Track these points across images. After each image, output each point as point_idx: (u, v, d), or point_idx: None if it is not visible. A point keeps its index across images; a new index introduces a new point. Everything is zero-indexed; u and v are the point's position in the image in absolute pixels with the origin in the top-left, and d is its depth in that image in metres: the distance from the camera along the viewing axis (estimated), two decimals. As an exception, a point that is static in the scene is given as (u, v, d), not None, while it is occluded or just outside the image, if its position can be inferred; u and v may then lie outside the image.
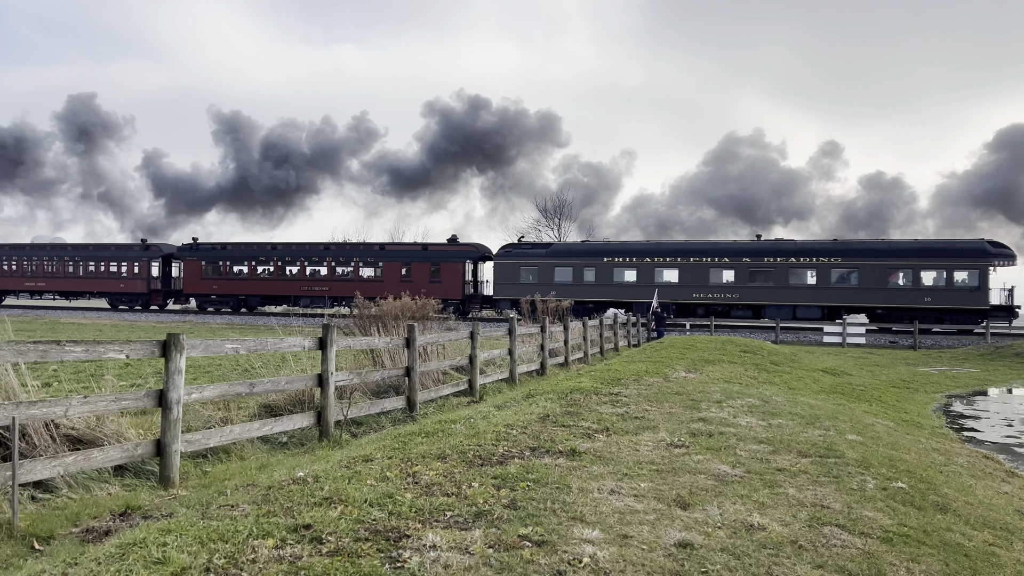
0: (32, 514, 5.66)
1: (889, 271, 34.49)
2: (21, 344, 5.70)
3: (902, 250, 35.11)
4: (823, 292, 35.20)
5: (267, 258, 46.84)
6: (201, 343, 7.38)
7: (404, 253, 44.22)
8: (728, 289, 36.66)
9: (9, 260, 52.33)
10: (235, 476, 6.99)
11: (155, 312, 48.51)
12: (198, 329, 34.37)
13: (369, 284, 42.67)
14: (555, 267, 39.80)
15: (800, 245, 37.46)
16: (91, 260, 50.22)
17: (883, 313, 34.91)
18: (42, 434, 6.57)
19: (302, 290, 45.50)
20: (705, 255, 37.46)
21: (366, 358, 13.25)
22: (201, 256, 48.01)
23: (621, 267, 38.70)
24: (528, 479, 6.03)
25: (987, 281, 33.39)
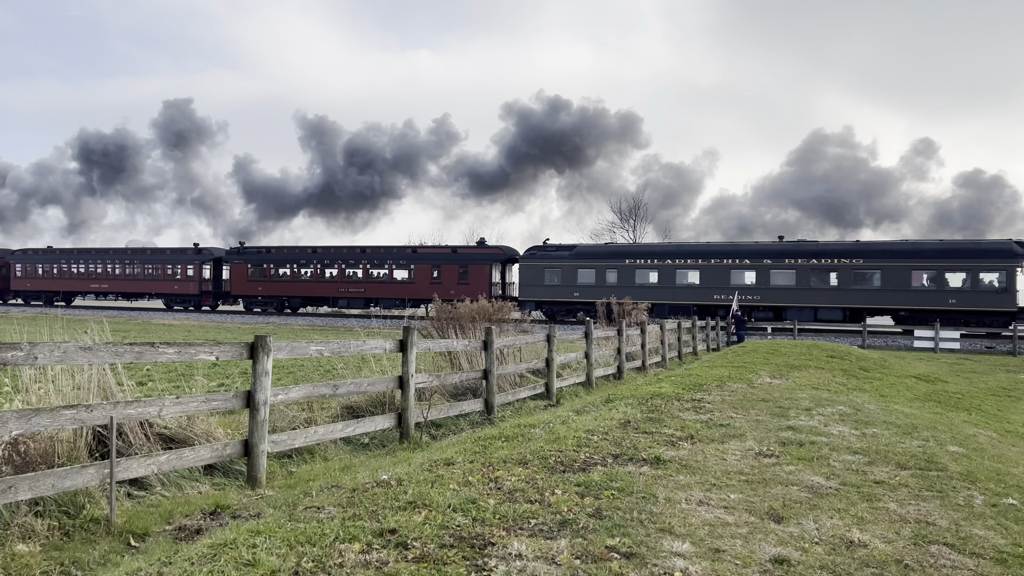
0: (128, 511, 5.84)
1: (912, 272, 33.78)
2: (118, 346, 5.88)
3: (925, 251, 34.30)
4: (845, 294, 34.62)
5: (307, 261, 48.27)
6: (287, 345, 7.51)
7: (434, 256, 44.96)
8: (749, 291, 36.32)
9: (77, 263, 55.33)
10: (319, 477, 7.08)
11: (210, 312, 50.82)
12: (281, 331, 35.34)
13: (402, 286, 44.33)
14: (578, 269, 39.95)
15: (821, 246, 37.03)
16: (149, 263, 52.68)
17: (906, 315, 34.40)
18: (137, 433, 6.78)
19: (339, 292, 46.77)
20: (726, 256, 37.22)
21: (444, 360, 13.30)
22: (247, 259, 49.72)
23: (643, 268, 38.75)
24: (612, 487, 5.88)
25: (1015, 282, 32.24)
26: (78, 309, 50.81)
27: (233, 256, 50.67)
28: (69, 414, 5.38)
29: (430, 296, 44.19)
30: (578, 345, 18.09)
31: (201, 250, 52.72)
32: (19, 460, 5.75)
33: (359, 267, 46.58)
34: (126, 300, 57.55)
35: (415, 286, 43.17)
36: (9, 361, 4.99)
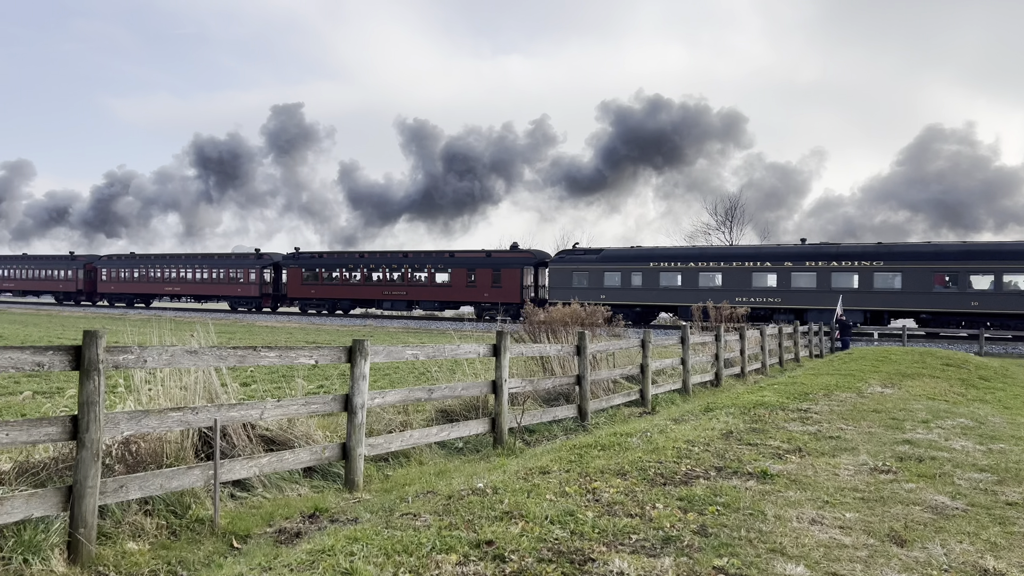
0: (231, 512, 5.95)
1: (934, 274, 33.10)
2: (222, 349, 6.01)
3: (948, 253, 33.56)
4: (866, 296, 34.26)
5: (355, 265, 50.18)
6: (383, 349, 7.54)
7: (470, 260, 45.96)
8: (770, 293, 36.37)
9: (154, 268, 58.89)
10: (415, 482, 7.06)
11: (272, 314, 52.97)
12: (377, 333, 36.08)
13: (440, 289, 45.74)
14: (604, 272, 40.63)
15: (843, 248, 36.57)
16: (216, 268, 55.64)
17: (928, 318, 33.77)
18: (240, 434, 6.93)
19: (383, 294, 48.56)
20: (748, 259, 37.30)
21: (536, 365, 13.18)
22: (301, 264, 51.85)
23: (667, 271, 39.06)
24: (717, 502, 5.60)
25: None
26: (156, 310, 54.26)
27: (289, 261, 52.93)
28: (176, 416, 5.52)
29: (466, 299, 45.47)
30: (672, 350, 17.64)
31: (262, 255, 55.57)
32: (131, 459, 5.95)
33: (401, 271, 48.27)
34: (196, 302, 61.20)
35: (452, 289, 44.90)
36: (121, 364, 5.15)
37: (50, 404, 8.86)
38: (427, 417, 10.13)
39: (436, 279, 46.80)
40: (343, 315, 50.80)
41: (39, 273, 64.22)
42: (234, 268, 54.50)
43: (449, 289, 45.52)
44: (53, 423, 4.71)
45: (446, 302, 46.87)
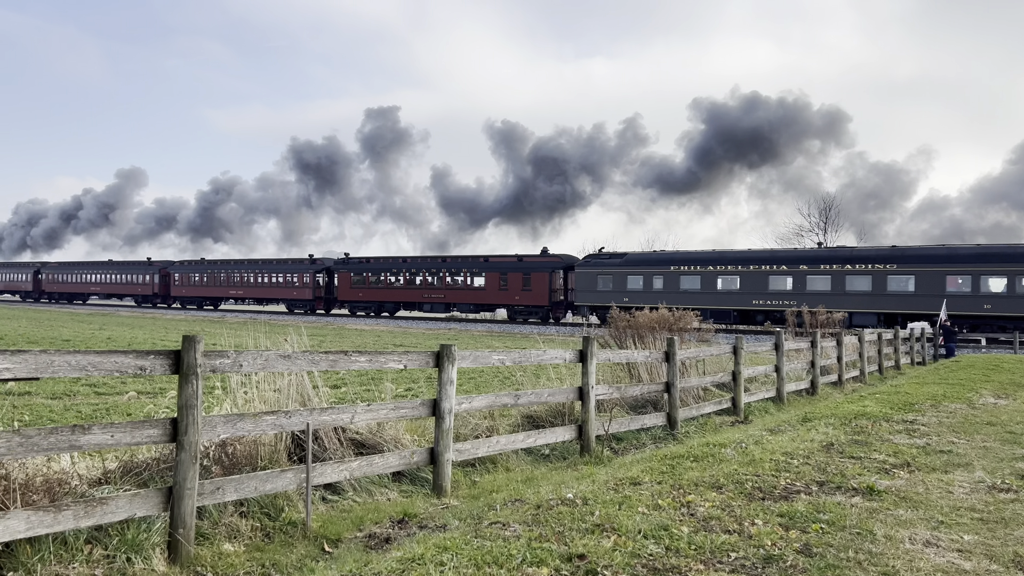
0: (323, 515, 6.00)
1: (947, 277, 33.16)
2: (314, 354, 6.09)
3: (961, 256, 33.54)
4: (880, 299, 34.48)
5: (398, 270, 52.27)
6: (470, 354, 7.50)
7: (502, 264, 47.50)
8: (786, 296, 36.49)
9: (220, 273, 62.37)
10: (502, 489, 6.99)
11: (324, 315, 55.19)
12: (461, 337, 36.40)
13: (475, 292, 47.59)
14: (627, 275, 41.53)
15: (856, 252, 36.78)
16: (275, 272, 58.45)
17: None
18: (331, 437, 7.01)
19: (424, 297, 50.41)
20: (764, 263, 37.91)
21: (621, 371, 12.94)
22: (350, 269, 54.29)
23: (687, 275, 39.71)
24: (820, 520, 5.30)
25: None
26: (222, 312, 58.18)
27: (340, 266, 55.52)
28: (270, 420, 5.60)
29: (499, 302, 46.89)
30: (765, 357, 17.06)
31: (315, 261, 58.23)
32: (227, 461, 6.08)
33: (440, 275, 50.07)
34: (258, 304, 64.67)
35: (486, 292, 46.73)
36: (218, 368, 5.26)
37: (153, 405, 9.22)
38: (512, 423, 10.06)
39: (472, 283, 48.53)
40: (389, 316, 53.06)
41: (122, 278, 69.15)
42: (290, 273, 57.52)
43: (484, 292, 47.22)
44: (155, 425, 4.84)
45: (481, 304, 48.52)
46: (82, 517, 4.40)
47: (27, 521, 4.16)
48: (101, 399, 11.50)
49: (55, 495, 4.80)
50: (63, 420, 9.50)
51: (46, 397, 11.29)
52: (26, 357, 4.22)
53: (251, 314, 56.58)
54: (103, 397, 11.69)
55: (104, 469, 5.65)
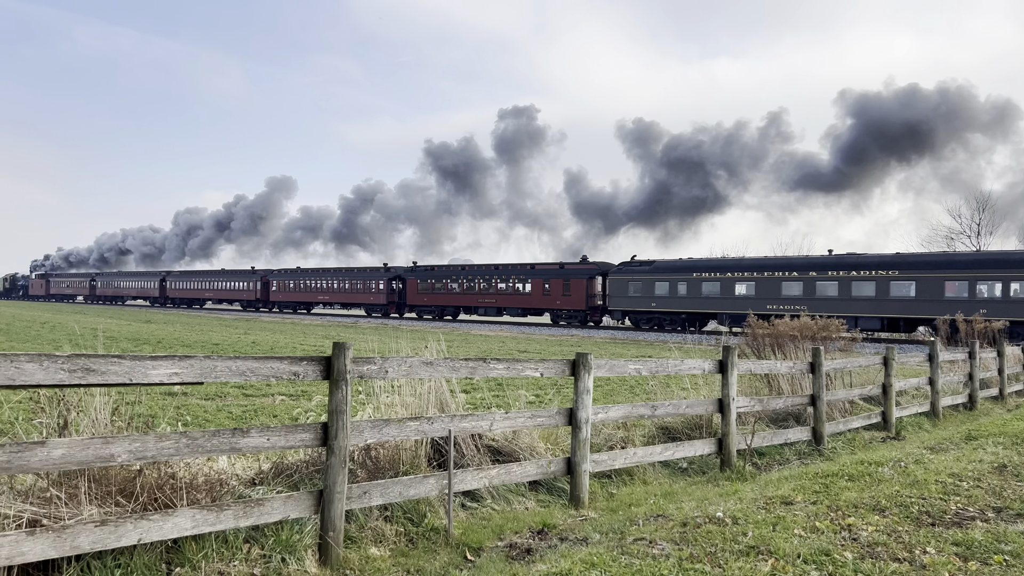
0: (463, 522, 6.01)
1: (945, 283, 33.99)
2: (454, 361, 6.11)
3: (958, 262, 34.57)
4: (883, 304, 35.36)
5: (457, 276, 56.00)
6: (606, 363, 7.35)
7: (545, 271, 50.45)
8: (796, 301, 37.85)
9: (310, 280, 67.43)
10: (641, 502, 6.78)
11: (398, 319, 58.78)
12: (584, 343, 36.18)
13: (521, 297, 50.92)
14: (655, 282, 43.48)
15: (861, 259, 37.84)
16: (355, 279, 63.42)
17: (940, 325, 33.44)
18: (469, 444, 7.03)
19: (478, 302, 53.88)
20: (777, 269, 39.40)
21: (759, 382, 12.38)
22: (417, 276, 58.34)
23: (707, 281, 41.29)
24: (1003, 551, 4.80)
25: None
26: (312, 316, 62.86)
27: (409, 273, 59.61)
28: (413, 426, 5.66)
29: (542, 306, 50.43)
30: (917, 369, 15.93)
31: (389, 269, 62.96)
32: (371, 465, 6.20)
33: (492, 281, 53.28)
34: (344, 308, 68.88)
35: (531, 297, 50.25)
36: (365, 374, 5.36)
37: (300, 409, 9.59)
38: (646, 434, 9.80)
39: (519, 288, 51.73)
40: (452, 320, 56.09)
41: (230, 284, 75.83)
42: (368, 280, 62.14)
43: (529, 297, 50.57)
44: (307, 430, 4.97)
45: (527, 308, 51.75)
46: (241, 517, 4.57)
47: (192, 519, 4.35)
48: (249, 400, 12.10)
49: (216, 494, 5.01)
50: (216, 420, 10.04)
51: (200, 398, 11.99)
52: (192, 363, 4.42)
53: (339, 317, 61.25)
54: (251, 399, 12.30)
55: (259, 469, 5.88)
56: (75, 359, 3.97)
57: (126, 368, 4.16)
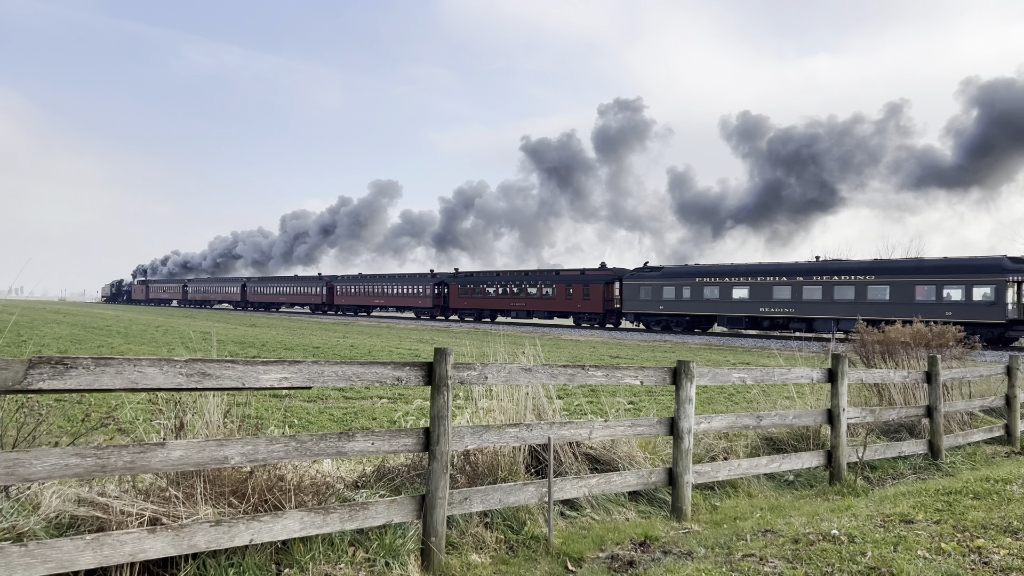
0: (563, 531, 5.93)
1: (916, 287, 36.39)
2: (553, 368, 6.05)
3: (927, 267, 36.70)
4: (861, 307, 37.16)
5: (492, 282, 59.97)
6: (709, 371, 7.13)
7: (568, 277, 54.22)
8: (785, 304, 40.43)
9: (368, 285, 72.61)
10: (746, 516, 6.54)
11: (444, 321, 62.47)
12: (678, 349, 35.51)
13: (548, 300, 54.59)
14: (663, 286, 46.54)
15: (842, 264, 40.07)
16: (406, 284, 68.49)
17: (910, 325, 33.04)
18: (567, 452, 6.95)
19: (510, 305, 57.76)
20: (768, 275, 41.60)
21: (869, 392, 11.79)
22: (458, 281, 62.71)
23: (708, 286, 44.12)
24: None
25: (1005, 296, 33.37)
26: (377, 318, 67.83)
27: (451, 279, 64.35)
28: (512, 432, 5.63)
29: (565, 309, 53.96)
30: None
31: (435, 275, 67.86)
32: (470, 471, 6.21)
33: (522, 286, 57.03)
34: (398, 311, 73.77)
35: (555, 301, 54.15)
36: (466, 380, 5.36)
37: (400, 412, 9.72)
38: (749, 444, 9.47)
39: (546, 293, 55.44)
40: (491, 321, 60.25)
41: (299, 289, 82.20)
42: (418, 285, 67.54)
43: (554, 301, 54.44)
44: (409, 435, 5.00)
45: (552, 311, 55.33)
46: (347, 520, 4.63)
47: (300, 521, 4.44)
48: (350, 403, 12.38)
49: (322, 497, 5.11)
50: (319, 423, 10.31)
51: (304, 400, 12.36)
52: (300, 368, 4.52)
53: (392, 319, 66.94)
54: (351, 401, 12.59)
55: (362, 472, 5.98)
56: (192, 363, 4.12)
57: (239, 373, 4.28)
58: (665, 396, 13.73)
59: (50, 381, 3.68)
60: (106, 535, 3.80)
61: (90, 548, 3.74)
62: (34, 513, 4.13)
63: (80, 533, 4.11)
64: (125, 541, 3.84)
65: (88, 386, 3.78)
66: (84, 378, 3.77)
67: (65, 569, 3.66)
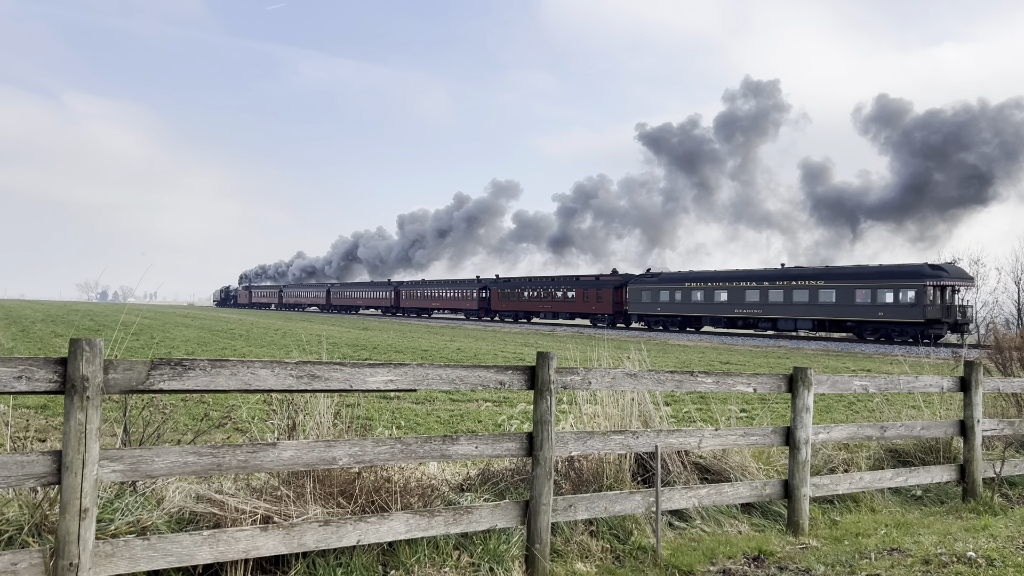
0: (671, 542, 5.74)
1: (856, 291, 40.63)
2: (660, 373, 5.87)
3: (864, 274, 41.15)
4: (813, 308, 42.73)
5: (525, 287, 66.69)
6: (828, 379, 6.76)
7: (584, 282, 60.57)
8: (755, 306, 45.78)
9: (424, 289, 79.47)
10: (870, 532, 6.14)
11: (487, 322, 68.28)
12: (793, 355, 34.12)
13: (569, 303, 60.84)
14: (660, 290, 52.36)
15: (798, 271, 45.86)
16: (455, 288, 76.03)
17: (852, 325, 42.00)
18: (674, 460, 6.73)
19: (539, 307, 64.31)
20: (742, 280, 47.07)
21: (1007, 403, 10.90)
22: (498, 286, 70.12)
23: (695, 290, 49.97)
24: None
25: (924, 298, 37.80)
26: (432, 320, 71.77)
27: (492, 284, 71.90)
28: (618, 439, 5.49)
29: (582, 311, 60.14)
30: None
31: (480, 279, 74.64)
32: (574, 477, 6.10)
33: (548, 290, 63.35)
34: (452, 314, 79.68)
35: (575, 303, 60.31)
36: (568, 384, 5.27)
37: (503, 416, 9.74)
38: (871, 456, 8.93)
39: (568, 296, 61.30)
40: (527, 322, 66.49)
41: (371, 294, 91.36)
42: (466, 289, 74.74)
43: (573, 303, 60.48)
44: (513, 439, 4.96)
45: (573, 313, 61.33)
46: (451, 524, 4.63)
47: (406, 523, 4.46)
48: (455, 405, 12.51)
49: (427, 499, 5.13)
50: (425, 425, 10.45)
51: (411, 402, 12.58)
52: (406, 370, 4.55)
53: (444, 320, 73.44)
54: (456, 404, 12.72)
55: (466, 475, 5.98)
56: (302, 366, 4.21)
57: (347, 375, 4.35)
58: (779, 404, 13.17)
59: (170, 382, 3.84)
60: (222, 531, 3.93)
61: (207, 544, 3.87)
62: (157, 508, 4.32)
63: (198, 528, 4.27)
64: (239, 538, 3.96)
65: (205, 387, 3.92)
66: (201, 379, 3.92)
67: (184, 563, 3.80)
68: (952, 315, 38.13)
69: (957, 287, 39.04)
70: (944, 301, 38.26)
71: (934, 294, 38.00)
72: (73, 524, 3.51)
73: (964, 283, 39.49)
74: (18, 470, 3.51)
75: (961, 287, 39.32)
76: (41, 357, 3.59)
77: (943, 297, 38.34)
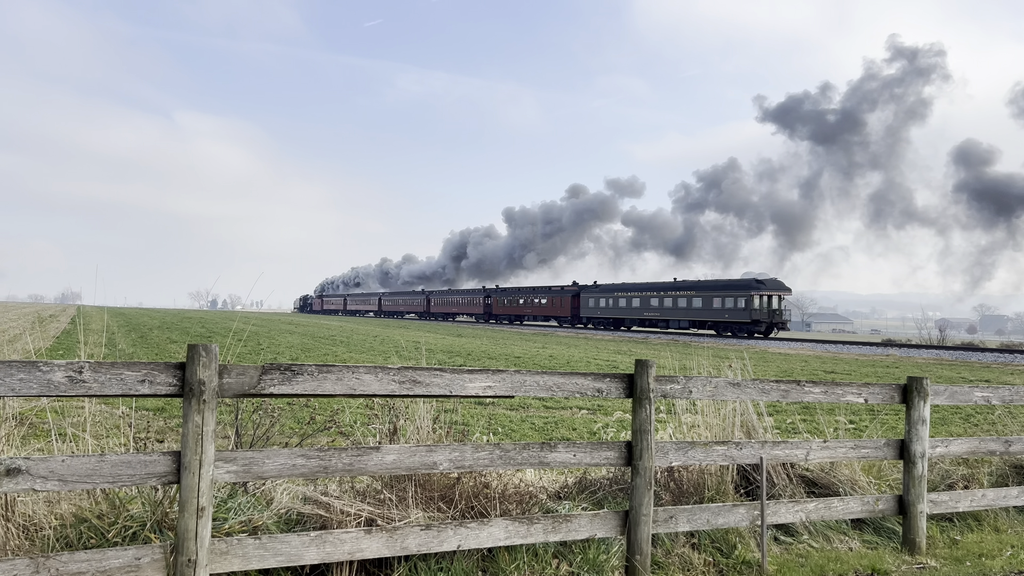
0: (777, 557, 5.53)
1: (713, 298, 54.49)
2: (764, 383, 5.68)
3: (718, 285, 55.43)
4: (690, 311, 56.78)
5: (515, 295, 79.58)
6: (946, 390, 6.39)
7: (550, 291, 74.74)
8: (657, 310, 59.69)
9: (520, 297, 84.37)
10: (994, 554, 5.76)
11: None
12: (902, 364, 32.46)
13: (542, 307, 74.65)
14: (600, 298, 66.30)
15: (680, 284, 60.05)
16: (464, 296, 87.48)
17: (711, 324, 55.66)
18: (780, 473, 6.50)
19: (525, 311, 77.47)
20: (647, 290, 61.36)
21: None
22: (496, 294, 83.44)
23: (622, 297, 63.47)
24: None
25: (751, 304, 51.45)
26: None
27: (492, 292, 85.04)
28: (720, 450, 5.35)
29: (551, 314, 73.88)
30: None
31: (484, 288, 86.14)
32: (674, 488, 5.98)
33: (529, 298, 76.41)
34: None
35: (545, 307, 74.23)
36: (668, 393, 5.17)
37: (599, 423, 9.65)
38: (994, 472, 8.38)
39: (541, 302, 74.96)
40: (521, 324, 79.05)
41: (405, 301, 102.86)
42: (472, 296, 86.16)
43: (544, 307, 74.22)
44: (611, 447, 4.90)
45: (547, 316, 74.55)
46: (550, 532, 4.61)
47: (505, 530, 4.47)
48: (550, 412, 12.49)
49: (525, 506, 5.13)
50: (521, 431, 10.47)
51: (506, 408, 12.63)
52: (504, 377, 4.56)
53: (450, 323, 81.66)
54: (551, 411, 12.69)
55: (563, 483, 5.95)
56: (404, 371, 4.29)
57: (446, 380, 4.40)
58: (889, 416, 12.55)
59: (280, 386, 3.98)
60: (328, 533, 4.04)
61: (314, 544, 3.99)
62: (267, 508, 4.48)
63: (305, 529, 4.41)
64: (345, 540, 4.06)
65: (312, 391, 4.04)
66: (308, 384, 4.04)
67: (292, 563, 3.93)
68: (772, 316, 51.60)
69: (775, 296, 51.72)
70: (766, 306, 51.72)
71: (760, 301, 51.57)
72: (191, 522, 3.68)
73: (780, 292, 51.82)
74: (142, 469, 3.71)
75: (777, 296, 51.79)
76: (162, 362, 3.79)
77: (767, 303, 51.77)
